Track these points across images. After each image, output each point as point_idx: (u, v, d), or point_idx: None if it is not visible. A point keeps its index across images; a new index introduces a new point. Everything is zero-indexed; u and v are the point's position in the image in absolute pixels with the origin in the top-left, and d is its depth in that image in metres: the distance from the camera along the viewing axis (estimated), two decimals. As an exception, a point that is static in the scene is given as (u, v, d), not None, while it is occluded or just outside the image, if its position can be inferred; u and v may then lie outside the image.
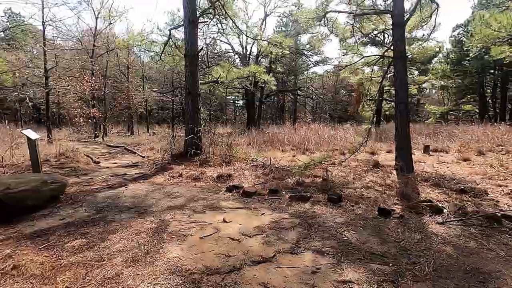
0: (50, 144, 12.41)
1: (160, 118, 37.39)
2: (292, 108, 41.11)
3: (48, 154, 8.73)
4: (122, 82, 22.77)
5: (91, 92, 16.71)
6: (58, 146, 9.95)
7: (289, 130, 15.11)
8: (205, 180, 5.93)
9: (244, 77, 11.74)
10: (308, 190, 5.13)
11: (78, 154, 9.23)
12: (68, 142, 15.63)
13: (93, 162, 8.19)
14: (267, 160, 7.61)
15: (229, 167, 7.11)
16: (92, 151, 11.35)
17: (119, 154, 10.48)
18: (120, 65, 23.01)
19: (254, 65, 12.16)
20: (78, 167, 7.32)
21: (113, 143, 14.83)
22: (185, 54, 7.80)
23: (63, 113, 26.13)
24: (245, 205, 4.48)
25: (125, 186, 5.51)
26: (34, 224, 3.67)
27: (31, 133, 5.67)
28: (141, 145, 12.36)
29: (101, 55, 18.69)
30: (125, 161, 8.69)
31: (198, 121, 7.92)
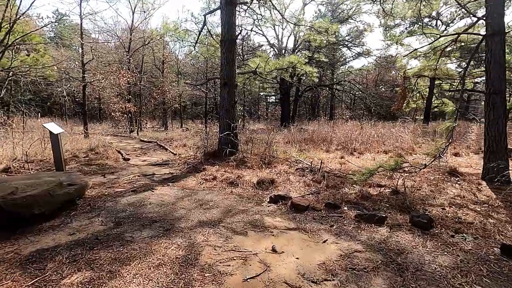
0: (85, 138, 12.38)
1: (194, 113, 37.58)
2: (327, 104, 39.10)
3: (80, 149, 8.39)
4: (157, 77, 22.78)
5: (127, 86, 16.67)
6: (91, 141, 9.67)
7: (327, 128, 13.71)
8: (243, 186, 4.97)
9: (283, 68, 10.64)
10: (378, 206, 3.94)
11: (109, 149, 8.81)
12: (104, 136, 15.78)
13: (123, 159, 7.65)
14: (312, 161, 6.48)
15: (270, 169, 6.09)
16: (125, 146, 11.01)
17: (150, 150, 9.96)
18: (156, 60, 23.02)
19: (295, 55, 10.97)
20: (106, 164, 6.78)
21: (147, 138, 14.57)
22: (222, 39, 6.89)
23: (103, 107, 27.08)
24: (297, 224, 3.42)
25: (152, 190, 4.73)
26: (38, 239, 2.95)
27: (54, 126, 5.11)
28: (173, 141, 11.82)
29: (137, 49, 18.66)
30: (155, 158, 8.06)
31: (234, 116, 7.01)
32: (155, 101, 22.77)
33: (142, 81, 19.57)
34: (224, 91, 6.93)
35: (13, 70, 14.74)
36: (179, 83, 26.00)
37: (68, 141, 9.83)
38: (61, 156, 5.13)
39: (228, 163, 6.50)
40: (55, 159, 5.13)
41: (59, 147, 5.08)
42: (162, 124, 27.04)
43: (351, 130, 12.01)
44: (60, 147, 5.10)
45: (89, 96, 26.96)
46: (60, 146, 5.10)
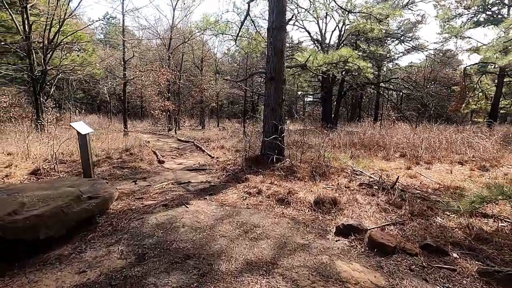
0: (124, 136, 12.27)
1: (230, 112, 37.34)
2: (369, 103, 36.41)
3: (116, 149, 8.01)
4: (196, 75, 22.63)
5: (166, 84, 16.54)
6: (127, 140, 9.33)
7: (374, 130, 12.08)
8: (296, 206, 3.94)
9: (333, 63, 9.37)
10: (506, 254, 2.66)
11: (144, 150, 8.34)
12: (143, 135, 15.80)
13: (158, 161, 7.06)
14: (379, 175, 5.24)
15: (325, 182, 4.98)
16: (162, 146, 10.60)
17: (187, 151, 9.36)
18: (195, 58, 22.89)
19: (346, 48, 9.65)
20: (139, 167, 6.19)
21: (184, 137, 14.19)
22: (269, 27, 5.93)
23: (144, 105, 27.82)
24: (388, 279, 2.32)
25: (186, 206, 3.90)
26: (39, 278, 2.22)
27: (82, 126, 4.55)
28: (211, 141, 11.16)
29: (177, 46, 18.53)
30: (191, 162, 7.36)
31: (281, 117, 6.01)
32: (193, 100, 22.67)
33: (181, 79, 19.44)
34: (271, 87, 5.95)
35: (62, 68, 15.35)
36: (217, 81, 25.72)
37: (106, 139, 9.61)
38: (89, 159, 4.55)
39: (273, 172, 5.52)
40: (82, 163, 4.57)
41: (87, 149, 4.51)
42: (199, 122, 27.04)
43: (409, 134, 10.35)
44: (88, 149, 4.53)
45: (131, 95, 27.93)
46: (88, 148, 4.53)
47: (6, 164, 5.45)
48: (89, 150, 4.57)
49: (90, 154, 4.59)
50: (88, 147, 4.53)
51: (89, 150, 4.57)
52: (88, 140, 4.54)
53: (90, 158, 4.60)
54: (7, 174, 4.78)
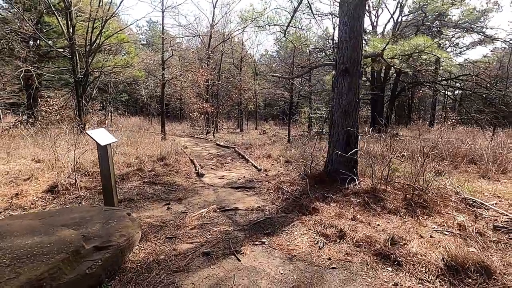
0: (162, 140, 11.55)
1: (268, 114, 36.07)
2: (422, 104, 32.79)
3: (151, 156, 7.09)
4: (235, 75, 21.75)
5: (205, 85, 15.75)
6: (164, 146, 8.43)
7: (436, 134, 9.83)
8: (413, 268, 2.42)
9: (406, 54, 7.58)
10: None
11: (182, 158, 7.33)
12: (181, 138, 15.16)
13: (196, 174, 5.94)
14: (496, 203, 3.50)
15: (432, 218, 3.38)
16: (200, 152, 9.59)
17: (228, 159, 8.20)
18: (234, 58, 22.01)
19: (423, 36, 7.79)
20: (174, 183, 5.09)
21: (223, 141, 13.17)
22: (342, 1, 4.46)
23: (184, 107, 27.73)
24: None
25: (237, 256, 2.61)
26: None
27: (103, 135, 3.49)
28: (253, 148, 9.91)
29: (217, 46, 17.73)
30: (235, 174, 6.14)
31: (356, 122, 4.49)
32: (231, 101, 21.83)
33: (220, 79, 18.62)
34: (343, 82, 4.45)
35: (104, 70, 15.34)
36: (256, 82, 24.61)
37: (141, 144, 8.84)
38: (111, 176, 3.49)
39: (349, 199, 4.02)
40: (102, 181, 3.51)
41: (109, 163, 3.45)
42: (237, 125, 26.18)
43: (487, 142, 8.08)
44: (110, 164, 3.47)
45: (171, 97, 28.04)
46: (109, 163, 3.47)
47: (26, 176, 4.67)
48: (110, 165, 3.50)
49: (112, 169, 3.52)
50: (109, 162, 3.47)
51: (110, 165, 3.50)
52: (109, 152, 3.48)
53: (112, 174, 3.53)
54: (19, 191, 3.92)
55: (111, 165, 3.53)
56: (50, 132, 9.29)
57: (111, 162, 3.55)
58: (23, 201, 3.75)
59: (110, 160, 3.52)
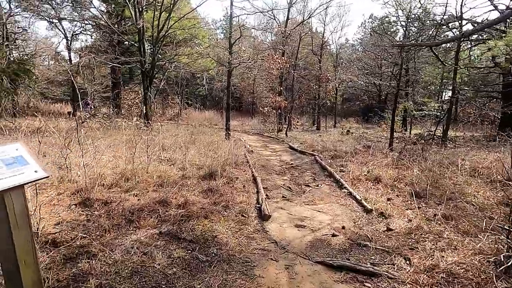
0: (225, 139, 9.63)
1: (347, 111, 31.53)
2: None
3: (201, 167, 5.00)
4: (313, 64, 18.75)
5: (278, 75, 13.34)
6: (224, 148, 6.30)
7: None
8: None
9: None
10: None
11: (241, 173, 5.03)
12: (248, 136, 13.17)
13: (257, 211, 3.49)
14: None
15: None
16: (268, 159, 7.20)
17: (308, 176, 5.57)
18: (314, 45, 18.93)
19: None
20: (214, 238, 2.72)
21: (297, 142, 10.57)
22: None
23: (256, 102, 26.11)
24: None
25: None
26: None
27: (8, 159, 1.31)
28: (342, 157, 6.95)
29: (294, 27, 15.05)
30: (325, 218, 3.48)
31: None
32: (308, 95, 18.91)
33: (295, 68, 15.96)
34: None
35: (174, 62, 14.47)
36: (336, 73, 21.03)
37: (200, 144, 6.97)
38: (18, 257, 1.32)
39: None
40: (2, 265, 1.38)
41: (11, 234, 1.28)
42: (312, 122, 23.10)
43: None
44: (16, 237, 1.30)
45: (244, 90, 26.72)
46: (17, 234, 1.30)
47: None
48: (17, 237, 1.30)
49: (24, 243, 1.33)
50: (13, 232, 1.27)
51: (17, 238, 1.30)
52: (17, 207, 1.28)
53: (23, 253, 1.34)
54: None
55: (21, 237, 1.32)
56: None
57: (27, 227, 1.35)
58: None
59: (24, 224, 1.32)
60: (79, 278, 2.03)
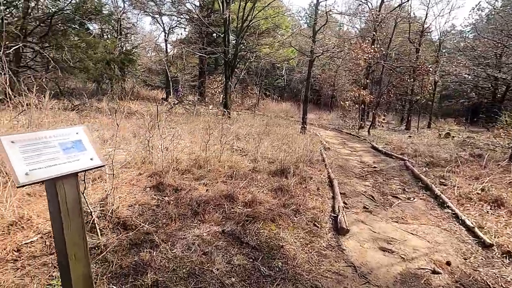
0: (300, 134, 9.17)
1: (445, 110, 26.75)
2: None
3: (273, 161, 4.73)
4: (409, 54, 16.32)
5: (365, 66, 11.99)
6: (299, 142, 5.89)
7: None
8: None
9: None
10: None
11: (316, 172, 4.54)
12: (325, 132, 12.31)
13: (332, 220, 2.98)
14: None
15: None
16: (347, 160, 6.46)
17: (395, 184, 4.70)
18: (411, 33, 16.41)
19: None
20: (279, 249, 2.32)
21: (382, 143, 9.32)
22: None
23: (336, 95, 24.61)
24: None
25: None
26: None
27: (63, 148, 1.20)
28: (441, 165, 5.67)
29: (389, 12, 13.21)
30: (419, 243, 2.74)
31: None
32: (397, 90, 16.65)
33: (386, 59, 14.14)
34: None
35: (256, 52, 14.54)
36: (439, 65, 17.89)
37: (275, 136, 6.75)
38: (68, 247, 1.21)
39: None
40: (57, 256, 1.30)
41: (62, 221, 1.17)
42: (400, 120, 20.46)
43: None
44: (67, 223, 1.19)
45: (323, 82, 25.42)
46: (69, 221, 1.19)
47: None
48: (68, 224, 1.19)
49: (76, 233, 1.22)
50: (63, 217, 1.16)
51: (67, 224, 1.19)
52: (70, 195, 1.16)
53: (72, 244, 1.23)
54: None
55: (71, 230, 1.21)
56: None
57: (78, 219, 1.23)
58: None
59: (75, 216, 1.20)
60: (139, 268, 1.97)
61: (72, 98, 9.69)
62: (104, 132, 5.79)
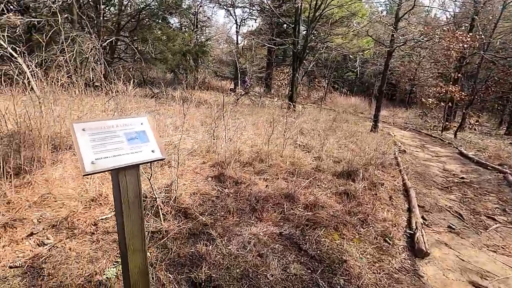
0: (372, 132, 8.39)
1: None
2: None
3: (339, 161, 4.37)
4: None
5: (458, 57, 10.26)
6: (368, 142, 5.35)
7: None
8: None
9: None
10: None
11: (389, 177, 4.05)
12: (400, 132, 11.00)
13: (408, 239, 2.54)
14: None
15: None
16: (427, 165, 5.60)
17: (491, 202, 3.86)
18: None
19: None
20: (342, 264, 2.10)
21: (473, 149, 7.89)
22: None
23: (415, 90, 21.98)
24: None
25: None
26: None
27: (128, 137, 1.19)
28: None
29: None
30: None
31: None
32: (499, 87, 13.85)
33: (487, 49, 11.84)
34: None
35: (327, 43, 13.74)
36: None
37: (342, 132, 6.32)
38: (128, 239, 1.21)
39: None
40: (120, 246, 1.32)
41: (123, 214, 1.17)
42: (498, 123, 17.22)
43: None
44: (130, 216, 1.19)
45: (401, 76, 22.86)
46: (131, 212, 1.19)
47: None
48: (132, 216, 1.19)
49: (136, 224, 1.21)
50: (125, 210, 1.16)
51: (130, 217, 1.19)
52: (130, 185, 1.15)
53: (132, 236, 1.23)
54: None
55: (130, 221, 1.20)
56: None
57: (138, 211, 1.22)
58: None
59: (135, 208, 1.19)
60: (194, 260, 1.97)
61: (152, 87, 10.72)
62: (177, 119, 6.21)
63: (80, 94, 4.60)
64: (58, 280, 1.72)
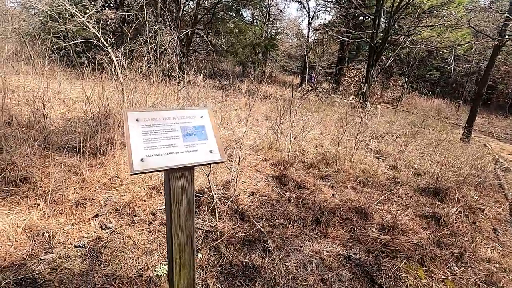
0: (462, 141, 7.07)
1: None
2: None
3: (419, 174, 3.69)
4: None
5: None
6: (450, 156, 4.42)
7: None
8: None
9: None
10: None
11: (485, 202, 3.23)
12: (499, 143, 9.02)
13: None
14: None
15: None
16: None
17: None
18: None
19: None
20: None
21: None
22: None
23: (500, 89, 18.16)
24: None
25: None
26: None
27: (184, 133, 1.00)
28: None
29: None
30: None
31: None
32: None
33: None
34: None
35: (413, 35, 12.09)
36: None
37: (420, 143, 5.45)
38: (177, 253, 1.04)
39: None
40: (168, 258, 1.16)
41: (172, 218, 0.99)
42: None
43: None
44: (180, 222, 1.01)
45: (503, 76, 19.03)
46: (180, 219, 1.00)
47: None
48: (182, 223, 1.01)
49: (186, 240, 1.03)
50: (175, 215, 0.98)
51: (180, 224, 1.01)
52: (182, 190, 0.96)
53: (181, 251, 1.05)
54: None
55: (178, 232, 1.02)
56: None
57: (188, 220, 1.03)
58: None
59: (185, 216, 1.01)
60: (247, 272, 1.75)
61: (221, 79, 11.03)
62: (241, 112, 6.17)
63: (157, 82, 4.84)
64: (113, 268, 1.70)
